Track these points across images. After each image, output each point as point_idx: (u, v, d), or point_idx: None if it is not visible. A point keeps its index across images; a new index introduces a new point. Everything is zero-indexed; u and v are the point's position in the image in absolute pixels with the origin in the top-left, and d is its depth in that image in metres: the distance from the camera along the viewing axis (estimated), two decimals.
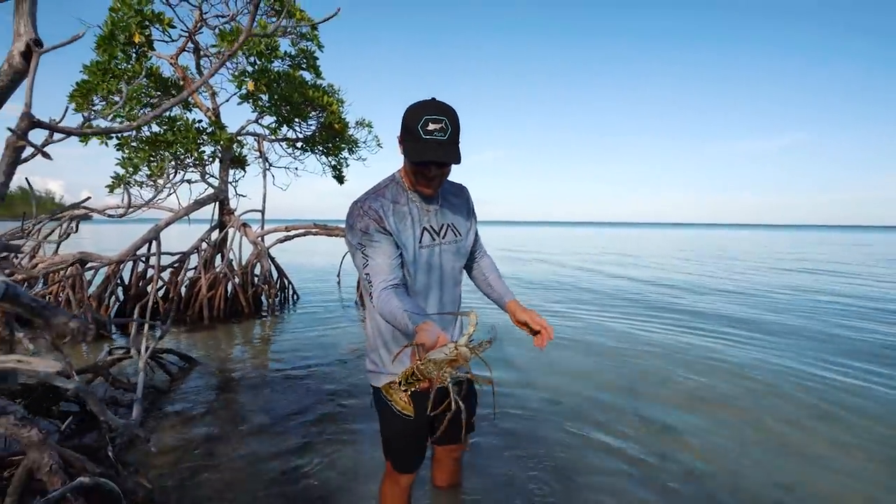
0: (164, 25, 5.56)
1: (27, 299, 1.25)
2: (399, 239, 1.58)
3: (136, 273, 6.90)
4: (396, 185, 1.65)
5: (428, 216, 1.65)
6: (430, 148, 1.43)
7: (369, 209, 1.55)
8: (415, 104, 1.49)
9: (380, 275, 1.51)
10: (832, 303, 8.17)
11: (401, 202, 1.61)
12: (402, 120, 1.50)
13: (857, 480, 2.56)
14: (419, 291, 1.67)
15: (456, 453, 2.16)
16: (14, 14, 1.28)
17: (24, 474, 1.57)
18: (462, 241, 1.74)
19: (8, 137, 1.23)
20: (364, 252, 1.54)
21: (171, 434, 3.08)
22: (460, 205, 1.77)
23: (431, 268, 1.66)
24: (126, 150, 6.44)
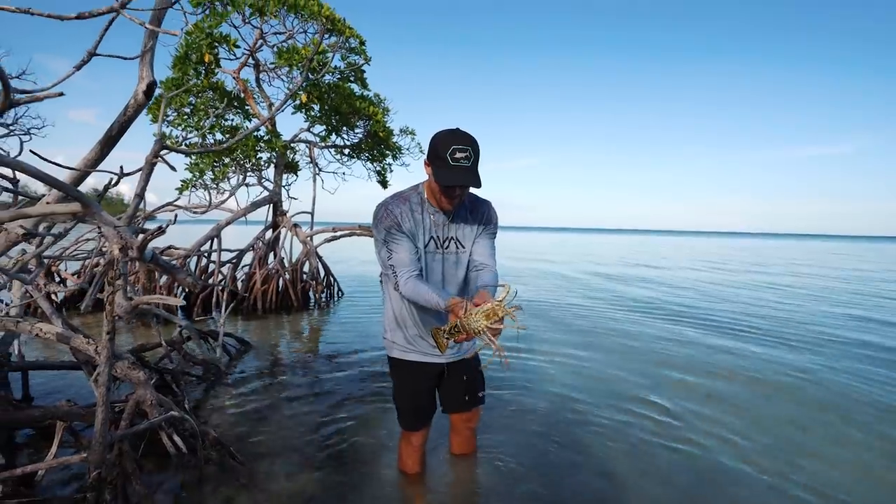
0: (230, 46, 6.20)
1: (163, 262, 1.74)
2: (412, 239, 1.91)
3: (200, 267, 7.63)
4: (418, 195, 1.95)
5: (437, 228, 1.95)
6: (458, 174, 1.72)
7: (390, 213, 1.87)
8: (443, 133, 1.79)
9: (403, 266, 1.84)
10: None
11: (417, 211, 1.92)
12: (432, 146, 1.80)
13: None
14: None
15: (471, 423, 2.46)
16: (139, 63, 1.76)
17: (133, 404, 2.06)
18: (464, 252, 2.02)
19: (147, 156, 1.70)
20: (388, 247, 1.86)
21: (230, 401, 3.58)
22: (472, 221, 2.02)
23: (432, 271, 1.98)
24: (193, 156, 7.16)
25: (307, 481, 2.51)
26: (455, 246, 1.99)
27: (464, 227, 2.00)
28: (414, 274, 1.85)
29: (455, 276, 2.03)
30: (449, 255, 1.99)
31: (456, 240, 1.99)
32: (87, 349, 2.24)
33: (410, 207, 1.91)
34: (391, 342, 2.16)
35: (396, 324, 2.11)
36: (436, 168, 1.76)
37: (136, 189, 1.74)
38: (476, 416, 2.45)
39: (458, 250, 1.99)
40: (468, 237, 2.01)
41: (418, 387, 2.18)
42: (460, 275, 2.04)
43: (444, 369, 2.19)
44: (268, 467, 2.64)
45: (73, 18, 1.20)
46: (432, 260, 1.97)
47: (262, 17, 6.69)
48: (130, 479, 2.06)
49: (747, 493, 2.51)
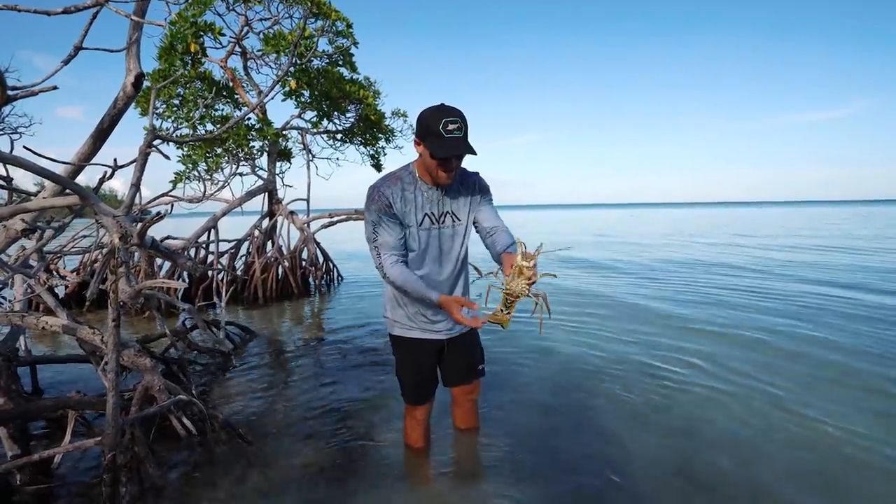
0: (215, 34, 6.14)
1: (163, 247, 1.79)
2: (403, 220, 1.94)
3: (199, 258, 7.66)
4: (409, 174, 1.98)
5: (430, 204, 1.98)
6: (454, 144, 1.78)
7: (381, 195, 1.91)
8: (429, 110, 1.83)
9: (388, 249, 1.92)
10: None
11: (409, 190, 1.95)
12: (422, 123, 1.84)
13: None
14: (416, 262, 2.04)
15: (472, 395, 2.52)
16: (126, 55, 1.77)
17: (142, 390, 2.13)
18: (460, 225, 2.08)
19: (140, 147, 1.73)
20: (375, 228, 1.93)
21: (236, 386, 3.66)
22: (465, 193, 2.07)
23: (429, 246, 2.03)
24: (186, 148, 7.15)
25: (315, 457, 2.60)
26: (451, 220, 2.03)
27: (457, 200, 2.05)
28: (399, 259, 1.94)
29: (452, 250, 2.08)
30: (445, 230, 2.03)
31: (452, 214, 2.03)
32: (93, 339, 2.30)
33: (402, 186, 1.95)
34: (392, 321, 2.22)
35: (396, 302, 2.16)
36: (430, 143, 1.80)
37: (132, 179, 1.77)
38: (476, 389, 2.52)
39: (454, 223, 2.04)
40: (462, 210, 2.06)
41: (420, 362, 2.25)
42: (457, 247, 2.09)
43: (444, 345, 2.26)
44: (276, 446, 2.72)
45: (59, 13, 1.22)
46: (428, 236, 2.01)
47: (247, 3, 6.62)
48: (144, 462, 2.14)
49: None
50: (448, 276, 2.14)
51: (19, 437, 2.26)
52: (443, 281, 2.12)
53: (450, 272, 2.14)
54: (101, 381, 2.69)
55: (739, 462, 2.49)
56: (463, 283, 2.25)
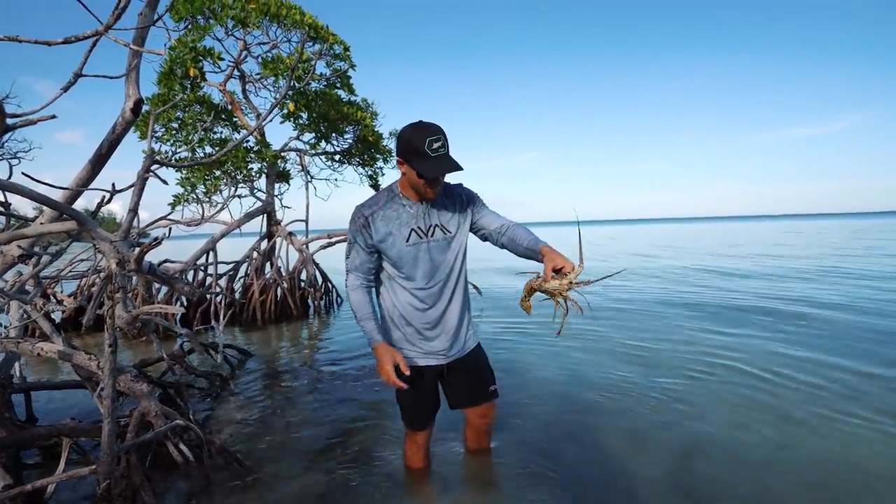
0: (214, 59, 6.23)
1: (160, 272, 1.78)
2: (383, 240, 1.94)
3: (197, 280, 7.64)
4: (391, 193, 1.98)
5: (416, 219, 1.95)
6: (442, 162, 1.78)
7: (360, 215, 1.93)
8: (410, 129, 1.81)
9: (354, 269, 1.99)
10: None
11: (392, 208, 1.95)
12: (404, 144, 1.81)
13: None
14: (406, 279, 2.02)
15: (485, 419, 2.41)
16: (125, 81, 1.79)
17: (139, 416, 2.10)
18: (452, 236, 2.03)
19: (138, 171, 1.74)
20: (350, 247, 1.99)
21: (234, 410, 3.61)
22: (451, 204, 2.03)
23: (418, 261, 1.98)
24: (184, 171, 7.18)
25: (313, 482, 2.55)
26: (441, 232, 2.00)
27: (445, 212, 2.02)
28: (365, 282, 2.01)
29: (444, 262, 2.03)
30: (434, 243, 1.99)
31: (441, 226, 2.00)
32: (89, 365, 2.28)
33: (384, 206, 1.95)
34: (398, 348, 2.12)
35: (393, 324, 2.11)
36: (417, 164, 1.79)
37: (129, 205, 1.77)
38: (489, 412, 2.39)
39: (445, 235, 2.01)
40: (453, 222, 2.03)
41: (419, 389, 2.16)
42: (449, 259, 2.04)
43: (443, 369, 2.18)
44: (274, 470, 2.67)
45: (59, 43, 1.23)
46: (417, 251, 1.97)
47: (245, 28, 6.73)
48: (140, 490, 2.10)
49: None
50: (442, 291, 2.07)
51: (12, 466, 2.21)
52: (437, 296, 2.06)
53: (443, 287, 2.07)
54: (96, 408, 2.65)
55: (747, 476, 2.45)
56: (461, 300, 2.15)
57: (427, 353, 2.11)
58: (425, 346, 2.10)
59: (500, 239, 2.06)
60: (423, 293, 2.02)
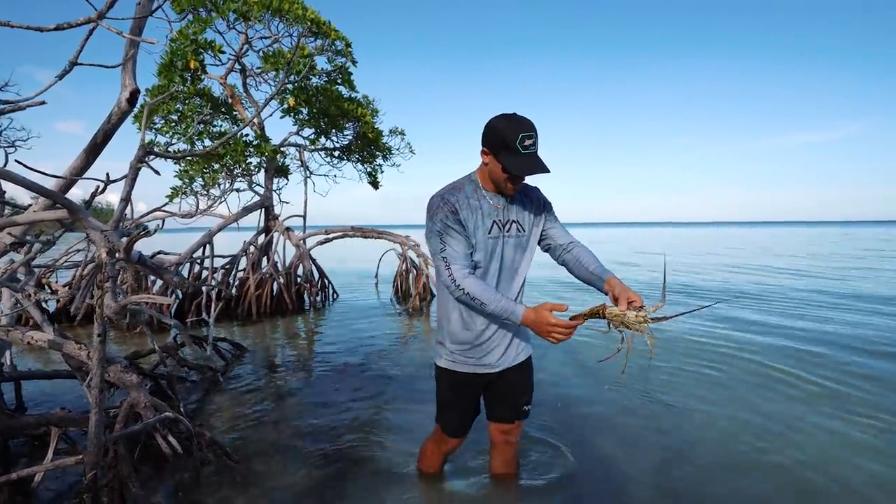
0: (215, 51, 6.21)
1: (150, 262, 1.77)
2: (469, 228, 1.81)
3: (193, 273, 7.63)
4: (472, 183, 1.88)
5: (497, 211, 1.86)
6: (530, 162, 1.70)
7: (447, 202, 1.79)
8: (503, 121, 1.73)
9: (457, 260, 1.77)
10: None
11: (473, 198, 1.85)
12: (495, 135, 1.73)
13: None
14: (482, 273, 1.88)
15: (510, 437, 2.23)
16: (122, 71, 1.78)
17: (128, 407, 2.09)
18: (525, 236, 1.94)
19: (131, 161, 1.72)
20: (441, 238, 1.78)
21: (226, 404, 3.60)
22: (529, 204, 1.96)
23: (494, 256, 1.88)
24: (183, 163, 7.16)
25: (303, 478, 2.54)
26: (516, 229, 1.92)
27: (522, 210, 1.94)
28: (469, 270, 1.79)
29: (515, 262, 1.95)
30: (510, 239, 1.91)
31: (517, 223, 1.92)
32: (79, 354, 2.27)
33: (466, 195, 1.85)
34: (444, 348, 2.00)
35: (463, 325, 1.93)
36: (504, 158, 1.71)
37: (121, 194, 1.77)
38: (516, 430, 2.23)
39: (518, 234, 1.92)
40: (527, 221, 1.95)
41: (465, 398, 2.06)
42: (519, 259, 1.95)
43: (494, 377, 2.04)
44: (264, 466, 2.67)
45: (51, 30, 1.22)
46: (496, 244, 1.88)
47: (247, 22, 6.71)
48: (127, 481, 2.09)
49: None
50: (509, 291, 1.96)
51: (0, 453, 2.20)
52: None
53: (509, 286, 1.96)
54: (87, 398, 2.64)
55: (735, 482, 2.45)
56: (521, 301, 2.01)
57: (479, 362, 1.97)
58: (478, 357, 1.96)
59: (564, 255, 2.00)
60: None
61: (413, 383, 4.06)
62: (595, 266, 1.88)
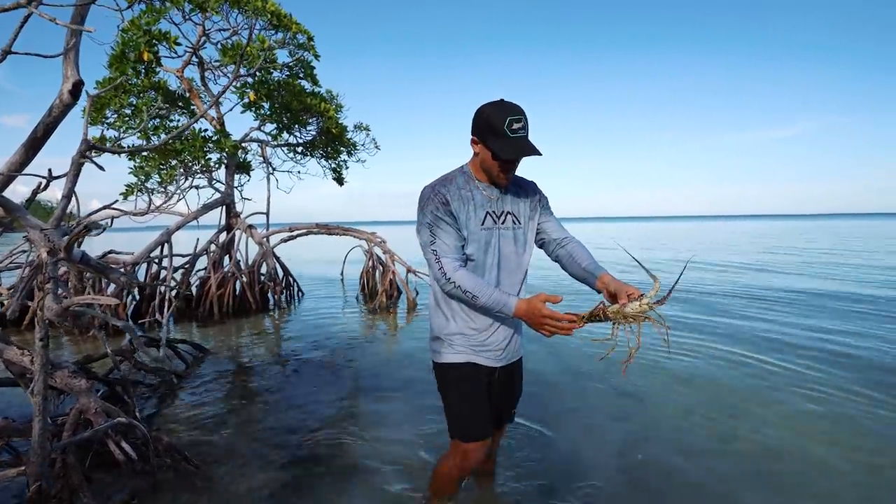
0: (170, 43, 5.98)
1: (94, 262, 1.68)
2: (460, 220, 1.74)
3: (151, 274, 7.36)
4: (464, 174, 1.82)
5: (490, 202, 1.80)
6: (520, 145, 1.64)
7: (438, 193, 1.73)
8: (490, 107, 1.68)
9: (448, 253, 1.71)
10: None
11: (465, 189, 1.78)
12: (482, 121, 1.68)
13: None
14: (477, 268, 1.79)
15: (493, 443, 2.21)
16: (63, 61, 1.69)
17: (76, 414, 1.99)
18: (520, 229, 1.86)
19: (73, 157, 1.63)
20: (432, 231, 1.72)
21: (187, 408, 3.50)
22: (524, 197, 1.89)
23: (490, 248, 1.80)
24: (138, 159, 6.89)
25: (266, 481, 2.49)
26: (512, 221, 1.84)
27: (517, 201, 1.87)
28: (461, 263, 1.73)
29: (511, 254, 1.85)
30: (506, 231, 1.83)
31: (512, 214, 1.85)
32: (21, 360, 2.15)
33: (458, 185, 1.79)
34: (445, 342, 1.86)
35: (448, 316, 1.85)
36: (493, 143, 1.66)
37: (63, 190, 1.68)
38: (500, 435, 2.20)
39: (514, 226, 1.85)
40: (523, 213, 1.88)
41: (479, 387, 1.88)
42: (517, 252, 1.87)
43: (496, 372, 1.91)
44: (226, 470, 2.60)
45: None
46: (491, 236, 1.80)
47: (204, 13, 6.49)
48: (78, 491, 2.00)
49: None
50: (508, 288, 1.84)
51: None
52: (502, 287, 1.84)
53: (510, 284, 1.85)
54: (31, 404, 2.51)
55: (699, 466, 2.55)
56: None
57: (482, 349, 1.85)
58: (480, 342, 1.84)
59: (558, 251, 1.93)
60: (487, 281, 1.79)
61: (379, 380, 4.03)
62: (588, 262, 1.81)
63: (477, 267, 1.79)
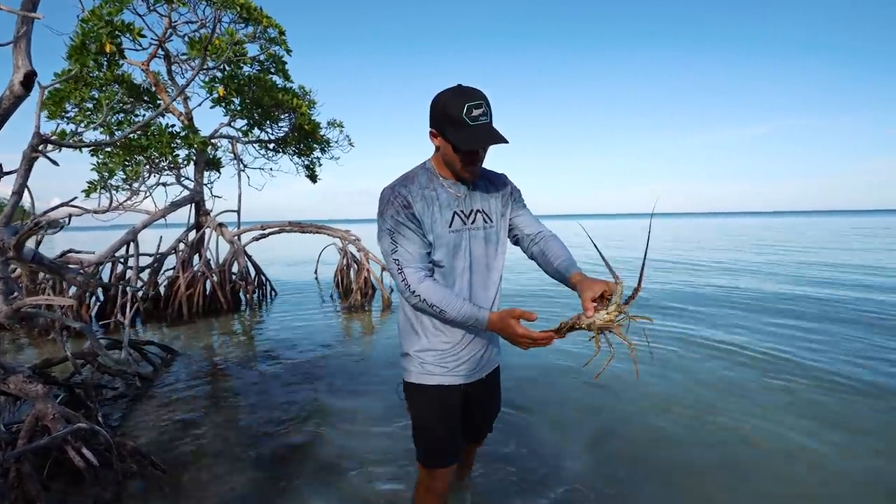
0: (134, 35, 5.78)
1: (47, 261, 1.60)
2: (425, 223, 1.57)
3: (116, 274, 7.13)
4: (427, 171, 1.64)
5: (457, 201, 1.62)
6: (482, 133, 1.47)
7: (398, 195, 1.55)
8: (446, 94, 1.50)
9: (412, 262, 1.53)
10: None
11: (429, 188, 1.60)
12: (438, 111, 1.50)
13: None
14: (447, 275, 1.62)
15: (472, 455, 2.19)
16: (13, 51, 1.60)
17: (32, 420, 1.90)
18: (492, 227, 1.70)
19: (24, 151, 1.55)
20: (393, 238, 1.55)
21: (154, 411, 3.39)
22: (495, 192, 1.73)
23: (459, 252, 1.63)
24: (101, 154, 6.64)
25: (240, 483, 2.44)
26: (483, 220, 1.67)
27: (487, 197, 1.70)
28: (427, 273, 1.56)
29: (488, 256, 1.69)
30: (476, 231, 1.66)
31: (482, 212, 1.67)
32: None
33: (420, 185, 1.60)
34: (413, 359, 1.69)
35: (417, 331, 1.68)
36: (452, 134, 1.49)
37: (13, 186, 1.59)
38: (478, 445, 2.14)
39: (485, 225, 1.68)
40: (494, 210, 1.71)
41: (450, 413, 1.73)
42: (488, 253, 1.70)
43: (468, 389, 1.75)
44: (196, 474, 2.53)
45: None
46: (460, 239, 1.63)
47: (170, 4, 6.29)
48: (35, 501, 1.91)
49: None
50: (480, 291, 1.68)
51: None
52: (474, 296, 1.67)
53: (484, 289, 1.69)
54: None
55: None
56: (497, 305, 1.75)
57: (456, 364, 1.68)
58: (454, 356, 1.67)
59: (532, 247, 1.77)
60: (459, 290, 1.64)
61: (355, 379, 3.99)
62: (560, 261, 1.65)
63: (446, 274, 1.62)
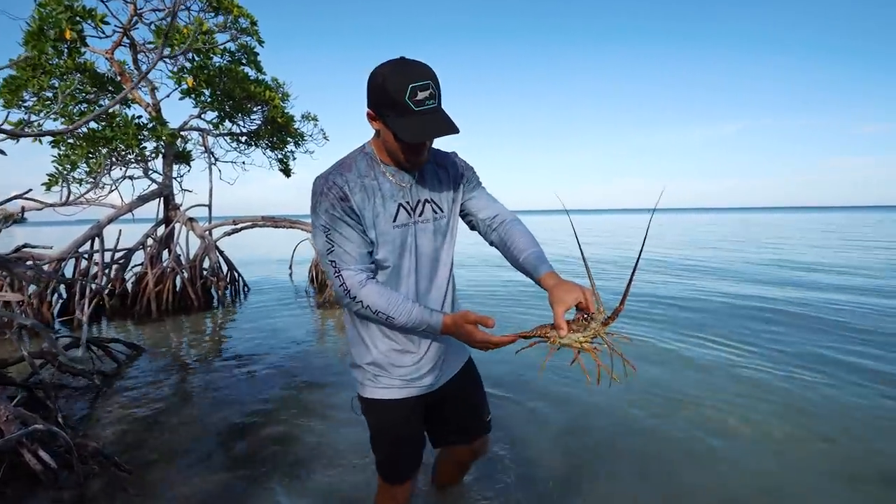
0: (96, 22, 5.56)
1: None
2: (366, 218, 1.36)
3: (80, 270, 6.87)
4: (366, 156, 1.40)
5: (402, 191, 1.40)
6: (428, 122, 1.23)
7: (333, 185, 1.33)
8: (387, 69, 1.24)
9: (350, 263, 1.35)
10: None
11: (369, 176, 1.37)
12: (378, 91, 1.24)
13: None
14: (392, 276, 1.43)
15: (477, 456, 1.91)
16: None
17: None
18: (443, 217, 1.48)
19: None
20: (329, 236, 1.34)
21: (118, 410, 3.28)
22: (444, 175, 1.50)
23: (405, 250, 1.43)
24: (63, 146, 6.38)
25: (209, 483, 2.38)
26: (432, 210, 1.45)
27: (437, 184, 1.47)
28: (368, 275, 1.37)
29: (434, 252, 1.49)
30: (425, 225, 1.44)
31: (431, 202, 1.46)
32: None
33: (359, 173, 1.37)
34: (365, 372, 1.51)
35: (365, 341, 1.49)
36: (394, 121, 1.24)
37: None
38: (484, 447, 1.87)
39: (435, 216, 1.46)
40: (445, 198, 1.49)
41: (404, 430, 1.57)
42: (440, 248, 1.50)
43: (437, 396, 1.61)
44: (163, 474, 2.46)
45: None
46: (406, 234, 1.42)
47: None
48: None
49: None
50: (430, 292, 1.50)
51: None
52: (425, 298, 1.49)
53: (430, 286, 1.50)
54: None
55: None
56: (451, 303, 1.58)
57: (412, 374, 1.50)
58: (412, 363, 1.50)
59: (490, 235, 1.57)
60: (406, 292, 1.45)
61: (328, 375, 3.94)
62: (526, 255, 1.44)
63: (392, 275, 1.43)
